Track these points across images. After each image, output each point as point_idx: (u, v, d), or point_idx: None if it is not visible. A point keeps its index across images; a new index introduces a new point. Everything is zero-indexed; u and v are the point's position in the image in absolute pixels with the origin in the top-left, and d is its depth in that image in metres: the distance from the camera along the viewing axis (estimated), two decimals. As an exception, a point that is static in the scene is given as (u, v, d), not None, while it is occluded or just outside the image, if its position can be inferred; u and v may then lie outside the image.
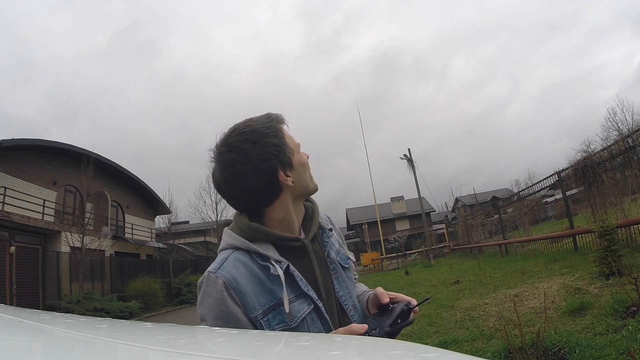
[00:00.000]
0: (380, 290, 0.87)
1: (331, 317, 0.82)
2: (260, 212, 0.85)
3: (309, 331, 0.77)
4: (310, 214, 0.93)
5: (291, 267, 0.79)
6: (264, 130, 0.82)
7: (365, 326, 0.73)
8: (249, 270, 0.77)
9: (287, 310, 0.75)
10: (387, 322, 0.77)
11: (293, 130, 0.89)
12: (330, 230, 0.94)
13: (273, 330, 0.75)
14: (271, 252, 0.79)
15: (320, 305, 0.80)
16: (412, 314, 0.81)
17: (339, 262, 0.92)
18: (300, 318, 0.77)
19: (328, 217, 1.03)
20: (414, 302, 0.82)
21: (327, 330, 0.79)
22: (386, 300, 0.83)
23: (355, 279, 1.06)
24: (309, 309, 0.78)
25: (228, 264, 0.78)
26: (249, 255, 0.80)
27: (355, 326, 0.73)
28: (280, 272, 0.76)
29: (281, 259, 0.79)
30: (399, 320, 0.78)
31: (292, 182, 0.83)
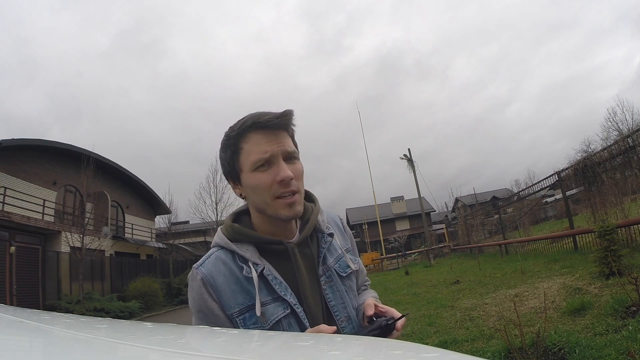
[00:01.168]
0: (368, 301, 0.84)
1: (313, 325, 0.78)
2: (249, 211, 0.89)
3: None
4: (307, 216, 0.88)
5: (266, 270, 0.79)
6: (224, 141, 0.83)
7: (334, 328, 0.73)
8: (228, 269, 0.80)
9: (258, 313, 0.76)
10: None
11: (295, 128, 0.85)
12: (331, 235, 0.90)
13: (248, 327, 0.77)
14: (250, 253, 0.80)
15: (299, 310, 0.78)
16: (394, 331, 0.76)
17: (336, 270, 0.88)
18: (274, 321, 0.77)
19: (340, 220, 1.01)
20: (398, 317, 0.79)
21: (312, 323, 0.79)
22: (369, 312, 0.80)
23: (365, 285, 1.04)
24: (285, 313, 0.78)
25: (209, 262, 0.82)
26: (231, 254, 0.82)
27: (323, 327, 0.73)
28: (254, 275, 0.77)
29: (259, 261, 0.80)
30: (377, 334, 0.76)
31: (244, 196, 0.85)
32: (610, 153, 6.84)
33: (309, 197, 0.95)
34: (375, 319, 0.80)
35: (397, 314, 0.80)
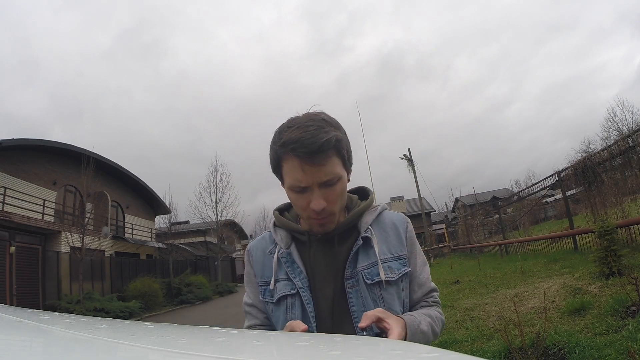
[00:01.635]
0: (373, 311, 0.74)
1: (318, 315, 0.83)
2: None
3: (288, 312, 0.85)
4: (350, 211, 0.91)
5: (285, 253, 0.88)
6: (271, 144, 0.84)
7: (306, 327, 0.74)
8: (264, 247, 0.95)
9: (271, 287, 0.88)
10: None
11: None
12: (366, 238, 0.86)
13: (263, 298, 0.91)
14: (280, 238, 0.91)
15: (304, 295, 0.84)
16: None
17: (363, 275, 0.84)
18: (279, 296, 0.87)
19: (406, 223, 0.93)
20: (394, 335, 0.70)
21: (303, 320, 0.81)
22: (362, 324, 0.72)
23: (426, 301, 0.93)
24: (290, 292, 0.86)
25: (257, 239, 0.99)
26: (270, 236, 0.95)
27: (294, 323, 0.76)
28: (275, 255, 0.89)
29: (285, 246, 0.89)
30: None
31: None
32: (610, 153, 6.84)
33: (363, 193, 0.98)
34: (364, 333, 0.72)
35: (396, 336, 0.69)
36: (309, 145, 0.77)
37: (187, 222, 28.11)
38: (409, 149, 23.23)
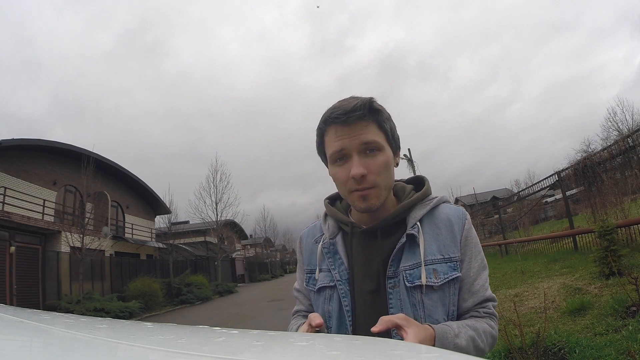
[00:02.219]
0: (394, 317, 0.66)
1: (354, 310, 0.80)
2: None
3: (326, 303, 0.84)
4: (401, 202, 0.85)
5: (328, 244, 0.87)
6: (319, 125, 0.83)
7: (321, 321, 0.72)
8: (313, 236, 0.94)
9: (316, 276, 0.88)
10: None
11: (297, 129, 0.86)
12: (411, 236, 0.79)
13: (307, 286, 0.91)
14: (327, 227, 0.90)
15: (340, 287, 0.82)
16: None
17: (405, 277, 0.77)
18: (319, 286, 0.86)
19: (464, 220, 0.82)
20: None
21: (339, 313, 0.82)
22: (375, 328, 0.65)
23: (478, 311, 0.81)
24: (329, 284, 0.85)
25: (309, 227, 0.98)
26: (321, 224, 0.94)
27: (312, 315, 0.75)
28: (319, 247, 0.89)
29: (331, 236, 0.88)
30: None
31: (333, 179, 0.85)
32: (610, 153, 6.84)
33: (419, 184, 0.92)
34: None
35: (410, 340, 0.62)
36: (344, 107, 0.76)
37: (187, 222, 28.10)
38: (409, 149, 23.21)
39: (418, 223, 0.81)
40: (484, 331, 0.78)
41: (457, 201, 34.54)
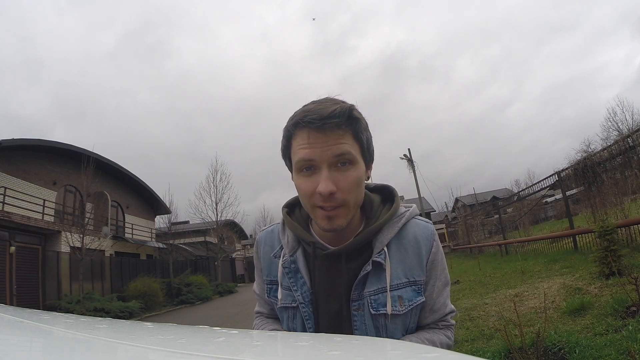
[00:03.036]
0: None
1: (318, 332, 0.78)
2: None
3: (290, 321, 0.82)
4: (369, 220, 0.78)
5: (289, 263, 0.80)
6: (287, 126, 0.75)
7: None
8: (272, 244, 0.87)
9: (279, 297, 0.82)
10: None
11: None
12: (377, 264, 0.74)
13: (269, 297, 0.86)
14: (286, 241, 0.83)
15: (303, 310, 0.79)
16: None
17: (369, 302, 0.75)
18: (282, 306, 0.82)
19: (432, 241, 0.79)
20: None
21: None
22: None
23: (437, 324, 0.82)
24: (291, 305, 0.80)
25: (267, 230, 0.91)
26: (279, 234, 0.87)
27: None
28: (279, 264, 0.82)
29: (289, 252, 0.81)
30: None
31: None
32: (610, 153, 6.84)
33: (387, 195, 0.83)
34: None
35: None
36: (320, 111, 0.68)
37: (187, 222, 28.12)
38: (409, 149, 23.23)
39: (385, 249, 0.75)
40: (441, 343, 0.79)
41: (457, 201, 34.50)
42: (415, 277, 0.77)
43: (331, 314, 0.77)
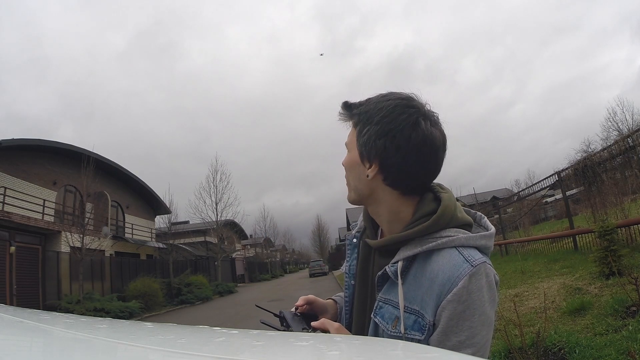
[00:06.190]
0: (325, 322, 0.73)
1: (351, 303, 0.86)
2: None
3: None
4: (406, 225, 0.73)
5: (349, 236, 0.91)
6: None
7: (336, 326, 0.73)
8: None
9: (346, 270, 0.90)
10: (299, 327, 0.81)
11: (304, 129, 0.84)
12: (393, 274, 0.69)
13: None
14: (359, 221, 0.90)
15: (346, 279, 0.88)
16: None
17: (377, 311, 0.73)
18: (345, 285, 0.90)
19: (463, 288, 0.62)
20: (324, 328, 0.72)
21: (348, 316, 0.86)
22: (299, 302, 0.90)
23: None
24: (349, 285, 0.88)
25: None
26: None
27: (325, 321, 0.75)
28: (351, 245, 0.90)
29: (355, 230, 0.91)
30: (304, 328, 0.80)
31: None
32: (610, 153, 6.84)
33: (432, 201, 0.76)
34: (298, 315, 0.86)
35: (325, 324, 0.73)
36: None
37: (187, 222, 28.11)
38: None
39: (400, 262, 0.68)
40: None
41: (457, 201, 34.39)
42: (422, 311, 0.66)
43: (361, 296, 0.84)
